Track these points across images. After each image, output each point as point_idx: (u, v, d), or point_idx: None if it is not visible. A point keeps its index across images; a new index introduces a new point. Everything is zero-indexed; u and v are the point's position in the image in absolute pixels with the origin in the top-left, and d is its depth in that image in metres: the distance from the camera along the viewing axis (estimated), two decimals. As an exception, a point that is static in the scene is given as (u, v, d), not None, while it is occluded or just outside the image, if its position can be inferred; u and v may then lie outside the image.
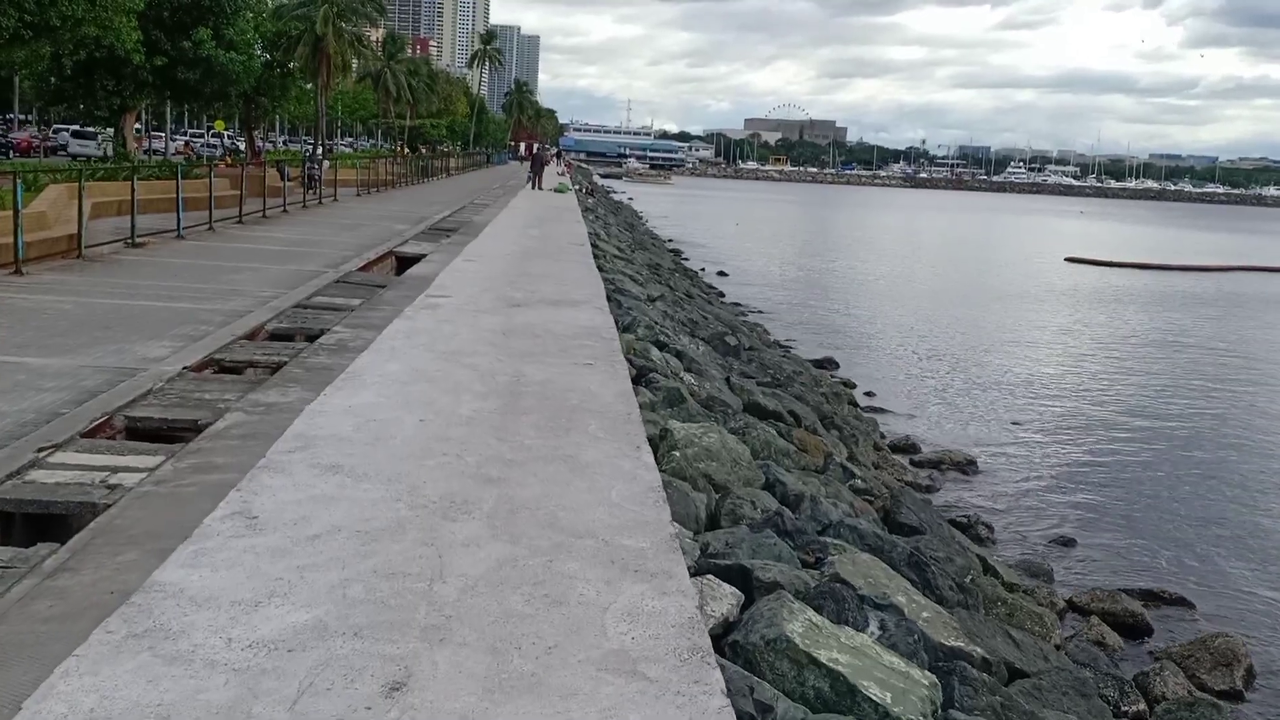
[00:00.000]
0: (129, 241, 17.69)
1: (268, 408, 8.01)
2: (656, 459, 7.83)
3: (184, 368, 9.23)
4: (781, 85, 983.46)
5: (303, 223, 25.04)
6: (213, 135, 71.20)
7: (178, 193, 19.64)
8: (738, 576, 6.10)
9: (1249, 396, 22.47)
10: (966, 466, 14.74)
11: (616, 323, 13.11)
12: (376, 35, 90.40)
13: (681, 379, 11.98)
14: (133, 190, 17.95)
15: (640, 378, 10.81)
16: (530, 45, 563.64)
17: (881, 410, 18.26)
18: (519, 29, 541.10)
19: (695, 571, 5.92)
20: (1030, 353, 26.83)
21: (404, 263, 19.75)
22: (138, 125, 62.40)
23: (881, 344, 26.85)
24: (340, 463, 6.43)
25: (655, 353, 12.48)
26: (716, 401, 11.46)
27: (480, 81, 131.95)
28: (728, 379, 13.56)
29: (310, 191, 31.90)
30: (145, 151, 51.36)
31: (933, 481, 13.78)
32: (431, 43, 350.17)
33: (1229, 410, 20.83)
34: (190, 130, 78.35)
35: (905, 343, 27.27)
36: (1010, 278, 47.30)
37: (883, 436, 15.61)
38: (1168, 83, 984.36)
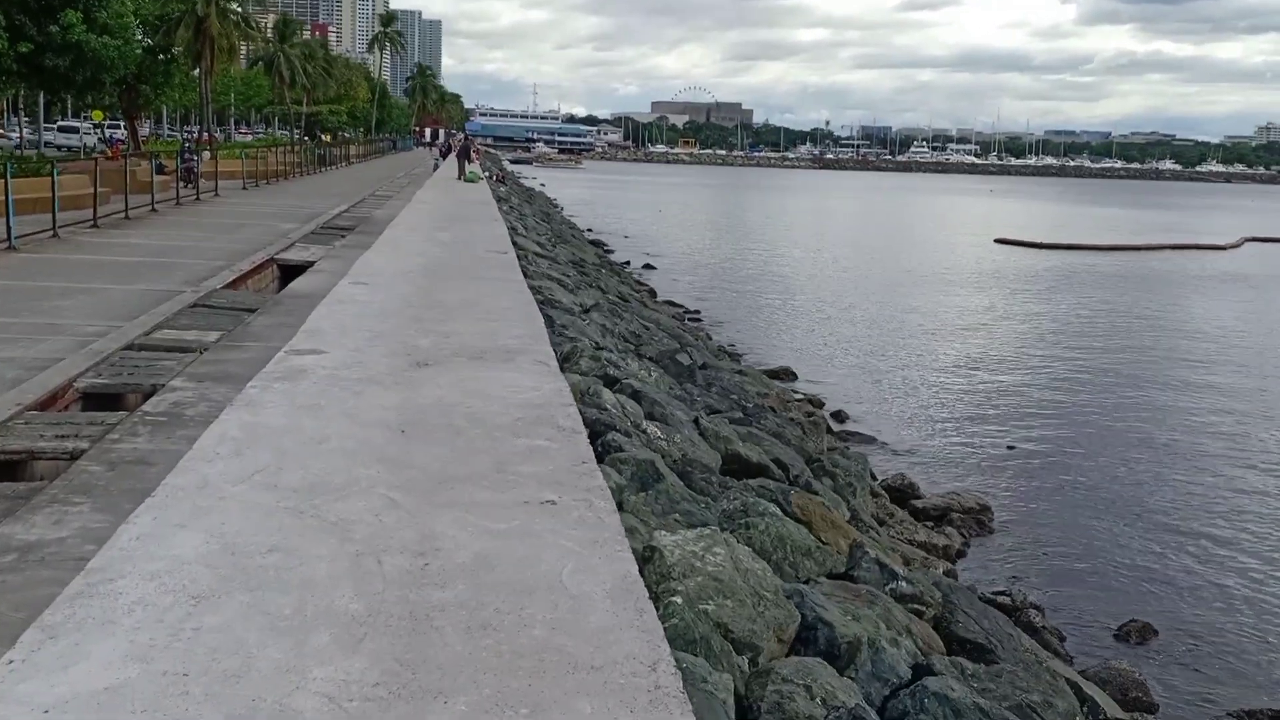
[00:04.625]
0: (-65, 258, 14.22)
1: (21, 554, 5.00)
2: (647, 587, 5.00)
3: (-83, 473, 6.13)
4: (688, 68, 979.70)
5: (172, 224, 21.54)
6: (90, 125, 66.01)
7: (7, 194, 16.14)
8: None
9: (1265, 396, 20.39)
10: (981, 515, 12.15)
11: (556, 353, 10.22)
12: (269, 21, 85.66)
13: (646, 433, 9.16)
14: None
15: (596, 439, 7.97)
16: (433, 29, 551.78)
17: (861, 436, 15.65)
18: (420, 13, 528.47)
19: None
20: (994, 346, 24.49)
21: (288, 272, 16.58)
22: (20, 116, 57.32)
23: (834, 343, 24.29)
24: None
25: (607, 396, 9.61)
26: (696, 465, 8.68)
27: (381, 66, 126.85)
28: (696, 421, 10.77)
29: (187, 186, 28.26)
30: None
31: (950, 541, 11.16)
32: (331, 29, 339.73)
33: (1255, 416, 18.63)
34: (66, 119, 72.52)
35: (859, 340, 24.77)
36: (944, 261, 45.27)
37: (874, 478, 12.96)
38: (1063, 60, 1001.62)
